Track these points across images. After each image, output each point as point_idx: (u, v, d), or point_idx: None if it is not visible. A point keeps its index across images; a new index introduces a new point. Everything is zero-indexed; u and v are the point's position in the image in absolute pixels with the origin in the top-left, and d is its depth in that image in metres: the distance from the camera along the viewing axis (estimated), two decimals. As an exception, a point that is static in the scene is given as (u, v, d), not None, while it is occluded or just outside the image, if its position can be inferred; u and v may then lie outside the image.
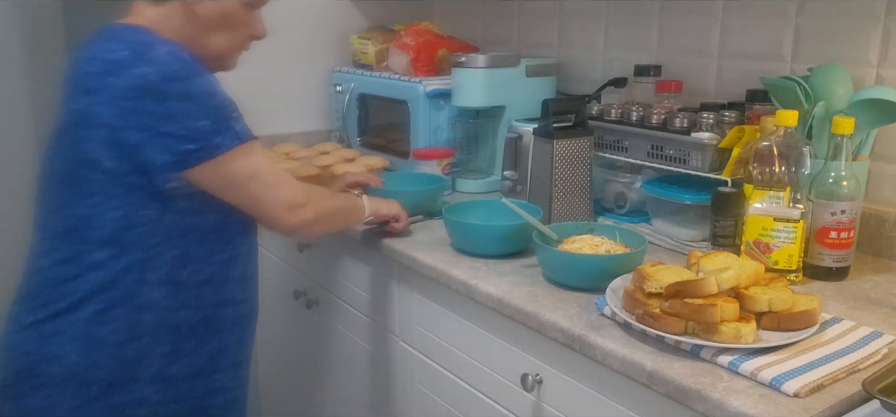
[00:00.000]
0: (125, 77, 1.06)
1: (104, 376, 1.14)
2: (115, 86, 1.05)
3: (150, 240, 1.13)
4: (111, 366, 1.14)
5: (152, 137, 1.07)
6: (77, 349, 1.13)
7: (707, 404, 0.90)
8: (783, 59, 1.52)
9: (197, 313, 1.20)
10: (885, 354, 0.99)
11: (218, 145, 1.10)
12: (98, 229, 1.11)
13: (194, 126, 1.08)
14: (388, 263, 1.51)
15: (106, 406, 1.15)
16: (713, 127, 1.39)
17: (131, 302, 1.13)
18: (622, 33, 1.85)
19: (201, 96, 1.09)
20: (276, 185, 1.19)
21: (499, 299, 1.21)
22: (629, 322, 1.04)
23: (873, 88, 1.29)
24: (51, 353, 1.13)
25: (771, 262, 1.21)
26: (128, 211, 1.11)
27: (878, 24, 1.37)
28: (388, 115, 2.00)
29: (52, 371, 1.13)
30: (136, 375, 1.16)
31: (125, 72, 1.06)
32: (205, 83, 1.11)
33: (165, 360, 1.18)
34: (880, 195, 1.40)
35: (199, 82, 1.10)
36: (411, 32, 2.02)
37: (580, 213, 1.53)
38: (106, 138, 1.07)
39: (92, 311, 1.12)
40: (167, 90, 1.06)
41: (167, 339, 1.17)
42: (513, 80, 1.81)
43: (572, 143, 1.49)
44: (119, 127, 1.06)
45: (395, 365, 1.57)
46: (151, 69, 1.06)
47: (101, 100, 1.06)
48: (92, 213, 1.11)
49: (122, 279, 1.12)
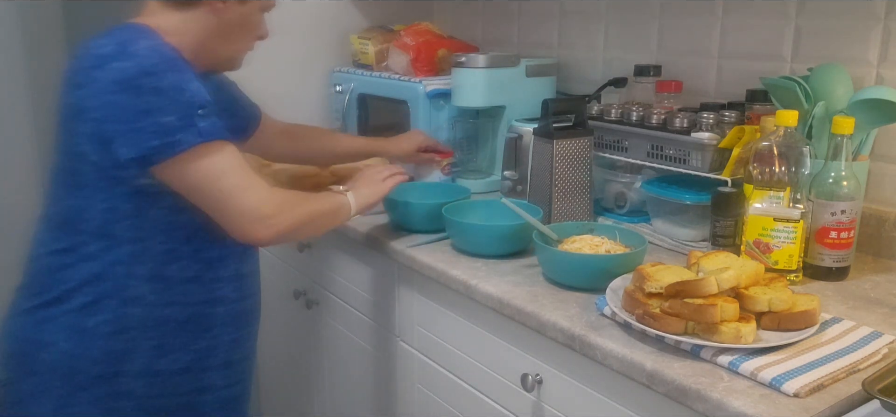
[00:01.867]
0: (108, 71, 1.07)
1: (92, 366, 1.15)
2: (100, 80, 1.07)
3: (136, 234, 1.14)
4: (99, 357, 1.15)
5: (123, 132, 1.07)
6: (67, 337, 1.15)
7: (707, 404, 0.90)
8: (783, 59, 1.52)
9: (184, 310, 1.20)
10: (885, 354, 0.99)
11: (179, 142, 1.08)
12: (89, 221, 1.13)
13: (160, 121, 1.07)
14: (388, 263, 1.51)
15: (93, 397, 1.16)
16: (713, 127, 1.39)
17: (120, 296, 1.14)
18: (622, 33, 1.85)
19: (171, 91, 1.08)
20: (240, 192, 1.13)
21: (499, 299, 1.21)
22: (629, 322, 1.04)
23: (873, 88, 1.29)
24: (42, 340, 1.15)
25: (771, 262, 1.21)
26: (114, 204, 1.12)
27: (878, 24, 1.37)
28: (388, 115, 1.99)
29: (43, 358, 1.15)
30: (123, 368, 1.17)
31: (108, 66, 1.07)
32: (178, 78, 1.09)
33: (152, 355, 1.18)
34: (880, 195, 1.40)
35: (173, 77, 1.09)
36: (411, 32, 2.02)
37: (580, 213, 1.53)
38: (91, 131, 1.09)
39: (82, 302, 1.14)
40: (141, 84, 1.06)
41: (154, 334, 1.18)
42: (513, 80, 1.81)
43: (572, 143, 1.49)
44: (101, 120, 1.07)
45: (395, 365, 1.57)
46: (130, 63, 1.07)
47: (89, 94, 1.08)
48: (84, 205, 1.13)
49: (112, 271, 1.13)
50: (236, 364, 1.32)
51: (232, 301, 1.26)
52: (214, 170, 1.11)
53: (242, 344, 1.32)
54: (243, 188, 1.14)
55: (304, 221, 1.23)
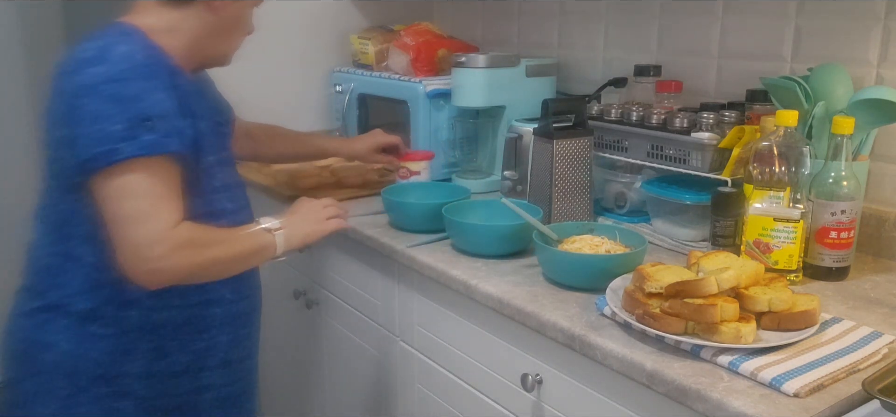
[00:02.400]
0: (82, 76, 1.06)
1: (92, 367, 1.16)
2: (73, 85, 1.06)
3: None
4: (99, 359, 1.16)
5: (79, 137, 1.05)
6: (68, 339, 1.15)
7: (707, 404, 0.90)
8: (783, 59, 1.52)
9: (181, 312, 1.20)
10: (885, 354, 0.99)
11: (117, 151, 1.03)
12: (79, 225, 1.13)
13: (107, 129, 1.04)
14: (388, 263, 1.51)
15: (94, 397, 1.17)
16: (713, 127, 1.39)
17: (117, 299, 1.14)
18: (622, 33, 1.85)
19: (128, 100, 1.05)
20: (135, 221, 1.05)
21: (499, 299, 1.21)
22: (629, 322, 1.04)
23: (873, 88, 1.29)
24: (44, 341, 1.16)
25: (771, 262, 1.21)
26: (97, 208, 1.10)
27: (878, 24, 1.37)
28: (388, 115, 2.00)
29: (45, 359, 1.16)
30: (122, 369, 1.17)
31: (83, 72, 1.06)
32: (143, 87, 1.07)
33: (151, 357, 1.18)
34: (880, 195, 1.40)
35: (137, 85, 1.06)
36: (411, 32, 2.02)
37: (580, 213, 1.53)
38: (62, 136, 1.08)
39: (81, 308, 1.14)
40: (103, 90, 1.05)
41: (152, 337, 1.18)
42: (513, 80, 1.81)
43: (572, 143, 1.49)
44: (68, 124, 1.06)
45: (395, 365, 1.57)
46: (101, 69, 1.05)
47: (63, 99, 1.07)
48: (74, 208, 1.12)
49: (107, 275, 1.12)
50: (236, 364, 1.31)
51: (229, 301, 1.26)
52: (123, 190, 1.05)
53: (241, 343, 1.32)
54: (140, 217, 1.05)
55: (207, 266, 1.14)
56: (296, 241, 1.26)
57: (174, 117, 1.09)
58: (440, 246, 1.44)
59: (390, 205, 1.55)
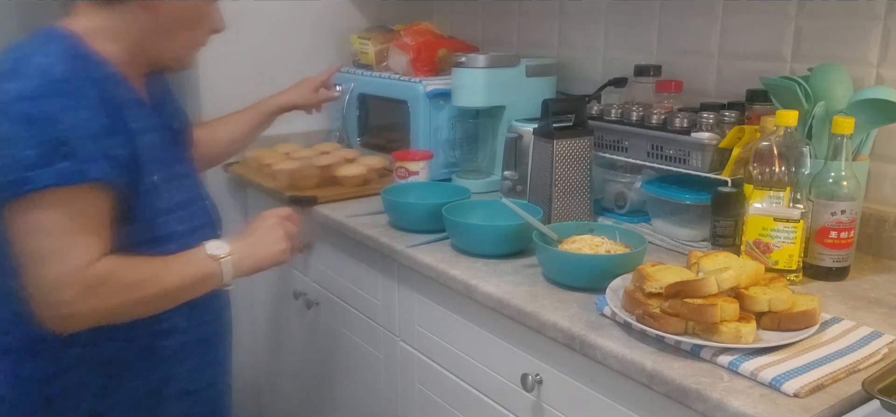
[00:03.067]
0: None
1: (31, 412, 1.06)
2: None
3: None
4: (39, 405, 1.06)
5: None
6: (5, 382, 1.06)
7: (707, 404, 0.90)
8: (783, 59, 1.52)
9: (129, 346, 1.09)
10: (885, 354, 0.99)
11: (29, 180, 0.92)
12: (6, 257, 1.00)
13: (18, 155, 0.92)
14: (388, 263, 1.51)
15: None
16: (713, 127, 1.39)
17: (55, 338, 1.02)
18: (622, 33, 1.85)
19: (42, 121, 0.93)
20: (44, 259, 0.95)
21: (499, 299, 1.21)
22: (629, 322, 1.04)
23: (873, 88, 1.29)
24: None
25: (771, 262, 1.21)
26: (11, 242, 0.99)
27: (878, 24, 1.37)
28: (389, 115, 2.00)
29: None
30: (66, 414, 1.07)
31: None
32: (59, 105, 0.95)
33: (96, 396, 1.08)
34: (880, 195, 1.40)
35: (52, 104, 0.94)
36: (411, 32, 2.02)
37: (580, 213, 1.53)
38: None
39: (16, 347, 1.05)
40: (13, 110, 0.93)
41: (96, 376, 1.08)
42: (513, 80, 1.81)
43: (572, 143, 1.49)
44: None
45: (395, 365, 1.57)
46: (13, 85, 0.95)
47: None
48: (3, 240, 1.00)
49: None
50: (201, 392, 1.21)
51: (183, 331, 1.14)
52: (34, 224, 0.94)
53: (204, 370, 1.21)
54: (47, 256, 0.95)
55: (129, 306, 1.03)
56: (246, 268, 1.14)
57: (101, 138, 0.97)
58: (440, 246, 1.44)
59: (390, 205, 1.55)
